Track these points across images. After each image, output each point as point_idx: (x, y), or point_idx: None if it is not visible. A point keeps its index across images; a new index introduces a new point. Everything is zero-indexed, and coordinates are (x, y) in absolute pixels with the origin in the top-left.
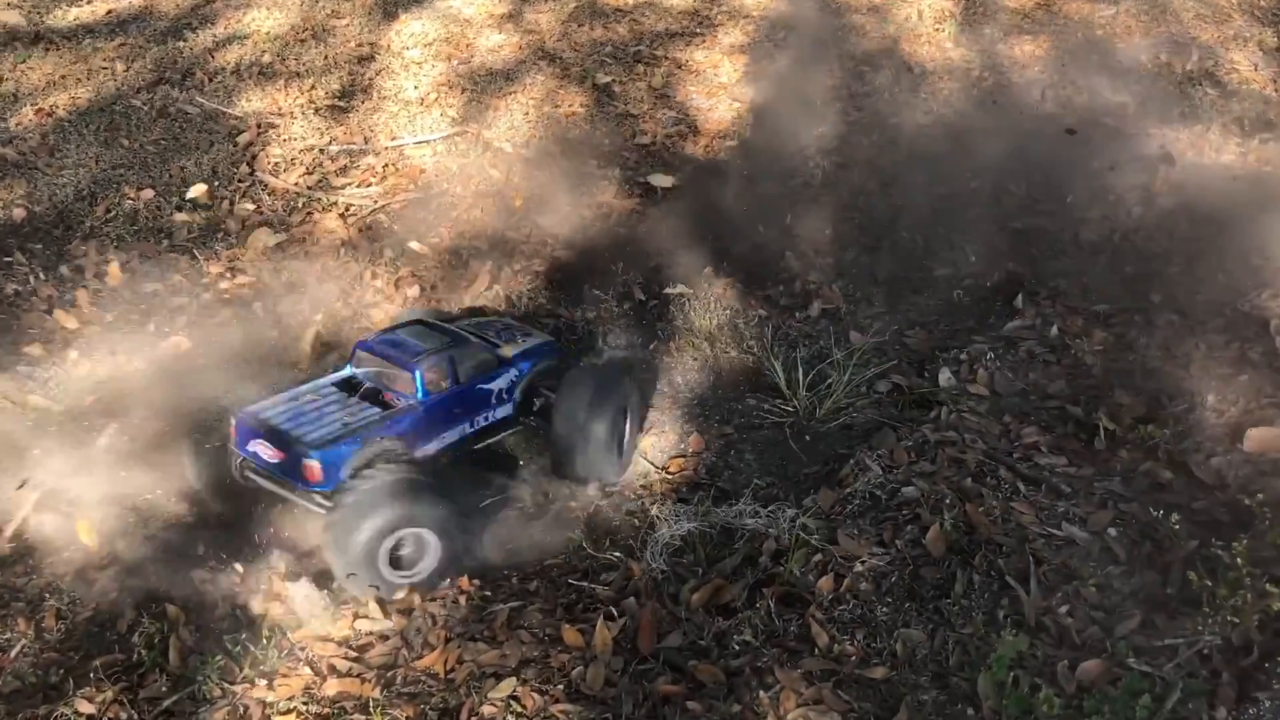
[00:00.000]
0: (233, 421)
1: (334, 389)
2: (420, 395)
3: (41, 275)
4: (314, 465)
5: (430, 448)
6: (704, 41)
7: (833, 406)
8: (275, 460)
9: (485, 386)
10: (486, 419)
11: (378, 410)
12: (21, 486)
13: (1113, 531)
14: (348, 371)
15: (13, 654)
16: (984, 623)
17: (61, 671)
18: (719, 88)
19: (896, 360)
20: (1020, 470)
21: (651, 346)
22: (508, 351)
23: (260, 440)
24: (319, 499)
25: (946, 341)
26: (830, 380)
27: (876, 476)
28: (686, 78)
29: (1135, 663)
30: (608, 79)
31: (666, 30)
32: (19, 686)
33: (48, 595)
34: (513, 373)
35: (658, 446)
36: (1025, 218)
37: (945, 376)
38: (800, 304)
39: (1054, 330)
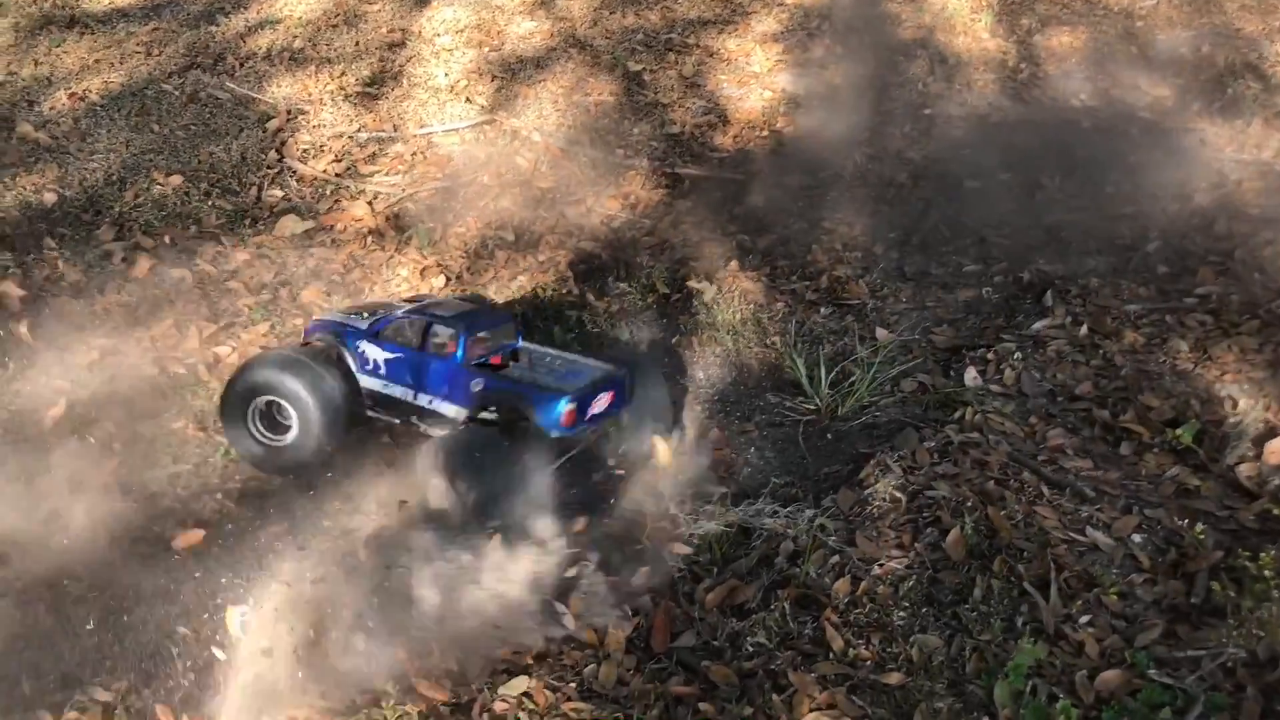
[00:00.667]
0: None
1: None
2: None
3: (72, 259)
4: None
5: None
6: (736, 29)
7: (855, 405)
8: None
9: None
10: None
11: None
12: None
13: (1137, 538)
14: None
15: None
16: (1002, 630)
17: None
18: (750, 77)
19: (922, 358)
20: (1045, 473)
21: (674, 340)
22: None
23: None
24: None
25: (974, 339)
26: (853, 378)
27: (897, 478)
28: (718, 66)
29: (1156, 674)
30: (638, 67)
31: (699, 17)
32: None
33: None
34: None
35: (678, 442)
36: (1058, 213)
37: (971, 376)
38: (826, 299)
39: (1084, 330)
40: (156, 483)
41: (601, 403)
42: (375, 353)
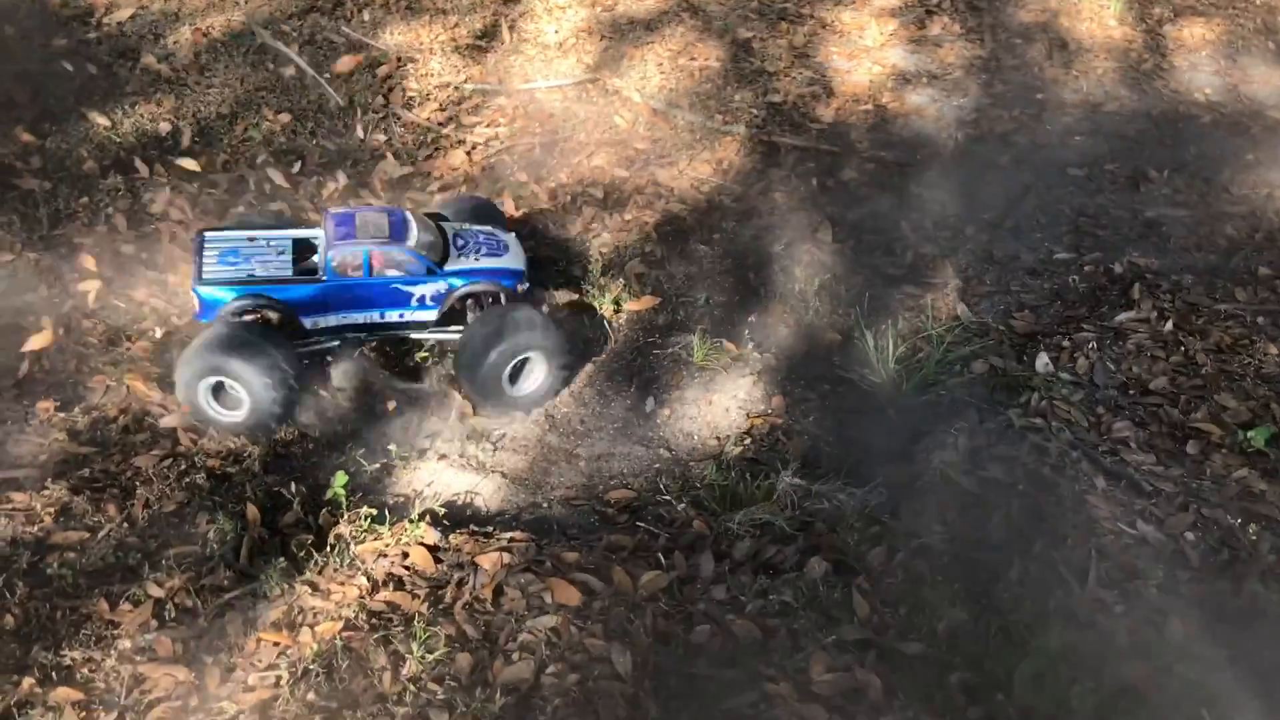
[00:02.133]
0: None
1: (289, 242)
2: (327, 275)
3: (179, 186)
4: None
5: (327, 320)
6: (853, 2)
7: (921, 381)
8: None
9: (403, 288)
10: (400, 316)
11: (289, 271)
12: None
13: (1190, 536)
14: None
15: (100, 536)
16: (1032, 612)
17: (140, 556)
18: (861, 50)
19: (997, 341)
20: (1103, 464)
21: (747, 304)
22: (452, 263)
23: None
24: None
25: (1053, 327)
26: (921, 354)
27: (951, 456)
28: (829, 38)
29: (1185, 670)
30: (748, 34)
31: None
32: (101, 565)
33: (139, 485)
34: (440, 284)
35: (739, 402)
36: (1161, 207)
37: (1043, 362)
38: (908, 276)
39: (1169, 325)
40: None
41: None
42: None
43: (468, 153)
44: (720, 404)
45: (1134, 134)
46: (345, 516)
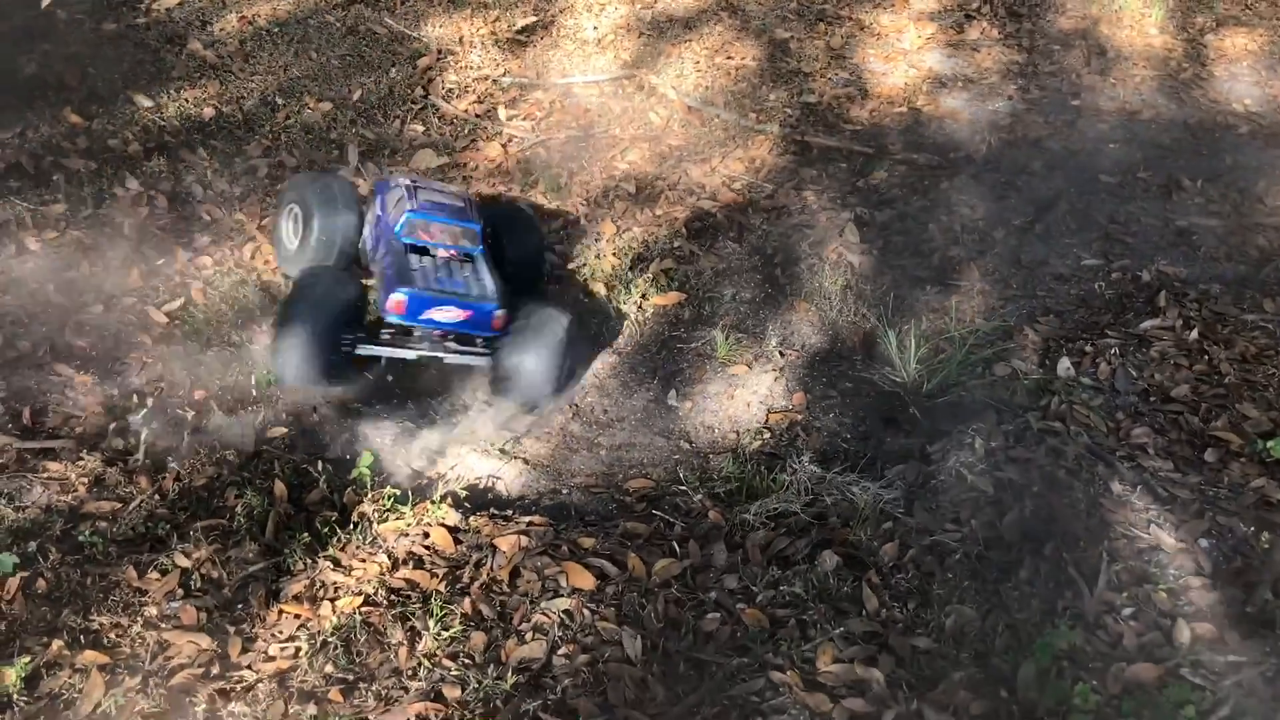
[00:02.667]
0: (399, 298)
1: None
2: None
3: (220, 170)
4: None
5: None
6: (892, 5)
7: (942, 382)
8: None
9: None
10: None
11: None
12: None
13: (1204, 543)
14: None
15: (131, 506)
16: (1041, 611)
17: (169, 527)
18: (898, 53)
19: (1020, 345)
20: (1120, 469)
21: (773, 300)
22: None
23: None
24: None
25: (1077, 332)
26: (944, 355)
27: (968, 455)
28: (867, 40)
29: (1190, 673)
30: (786, 34)
31: None
32: (131, 535)
33: (171, 459)
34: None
35: (761, 398)
36: (1193, 216)
37: (1064, 366)
38: (934, 277)
39: (1194, 334)
40: None
41: (447, 314)
42: None
43: (504, 145)
44: (741, 399)
45: (1169, 142)
46: (369, 496)
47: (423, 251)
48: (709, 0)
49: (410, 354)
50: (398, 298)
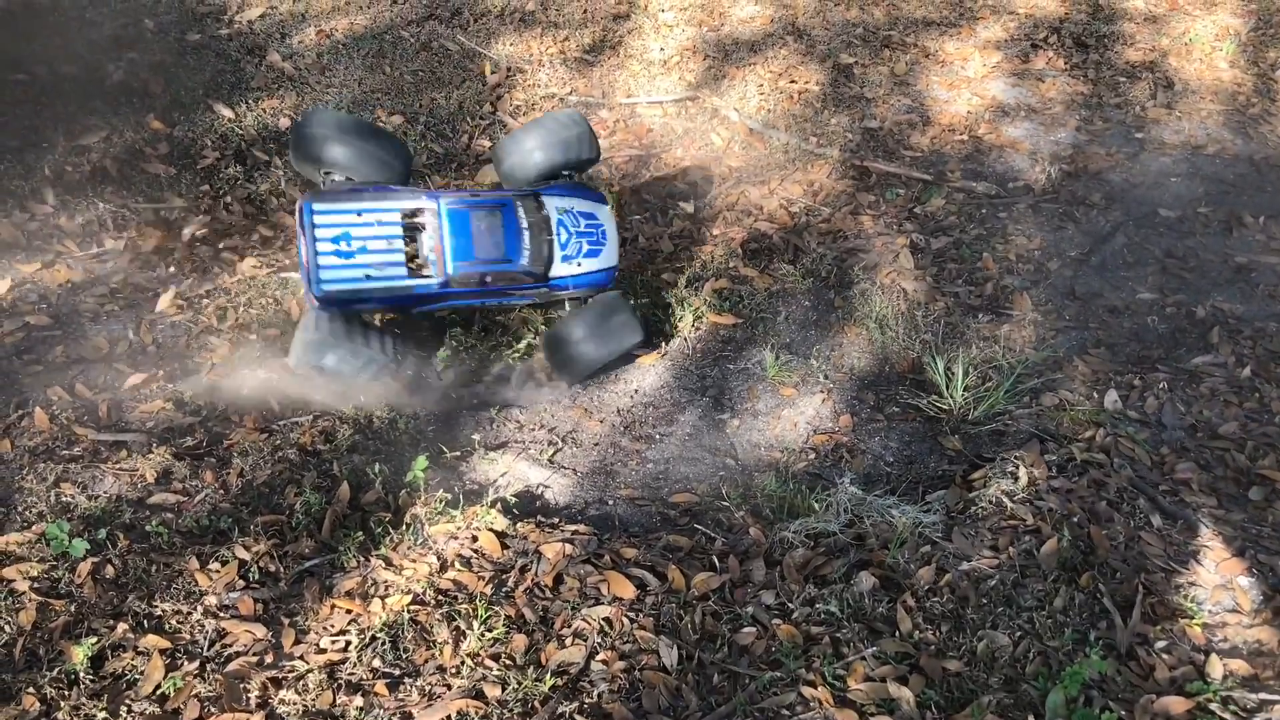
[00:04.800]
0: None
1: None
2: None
3: (293, 179)
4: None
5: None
6: (959, 33)
7: (988, 410)
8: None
9: (511, 293)
10: (500, 303)
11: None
12: None
13: (1243, 581)
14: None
15: (196, 499)
16: (1073, 640)
17: (231, 521)
18: (962, 81)
19: (1069, 376)
20: (1161, 503)
21: (825, 323)
22: (555, 270)
23: None
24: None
25: (1127, 366)
26: (990, 384)
27: (1009, 484)
28: (931, 67)
29: (1220, 709)
30: (850, 60)
31: (924, 18)
32: (194, 527)
33: (236, 456)
34: (543, 289)
35: (807, 418)
36: (1253, 253)
37: (1112, 399)
38: (986, 306)
39: (1246, 371)
40: None
41: None
42: None
43: None
44: (788, 419)
45: (1233, 178)
46: (422, 499)
47: None
48: (775, 24)
49: None
50: None
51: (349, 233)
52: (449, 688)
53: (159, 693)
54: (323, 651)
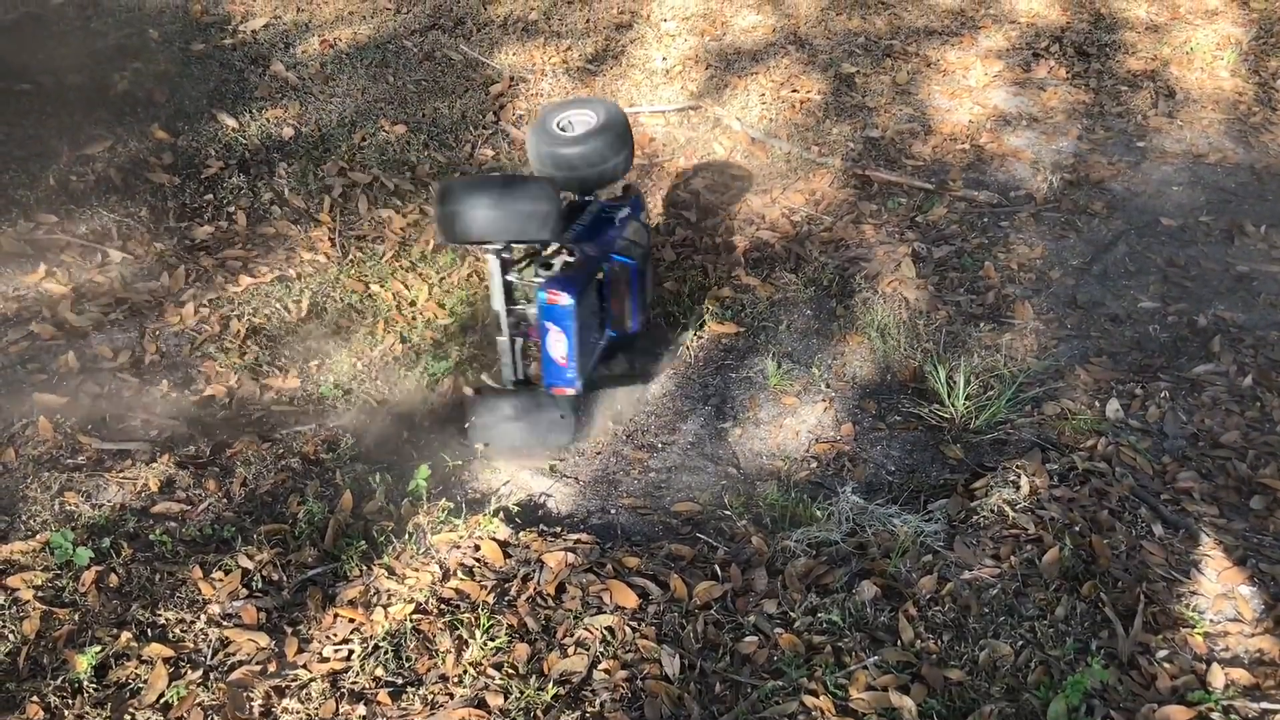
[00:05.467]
0: None
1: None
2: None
3: (296, 188)
4: None
5: None
6: (960, 42)
7: (990, 419)
8: None
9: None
10: None
11: None
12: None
13: (1245, 590)
14: None
15: (199, 508)
16: (1075, 649)
17: (234, 530)
18: (964, 90)
19: (1070, 385)
20: (1163, 512)
21: (826, 331)
22: None
23: None
24: None
25: (1129, 375)
26: (992, 392)
27: (1011, 493)
28: (933, 77)
29: (1220, 718)
30: (852, 70)
31: (926, 27)
32: (198, 536)
33: (240, 465)
34: None
35: (809, 427)
36: (1254, 262)
37: (1113, 408)
38: (988, 315)
39: (1247, 380)
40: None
41: None
42: None
43: None
44: (790, 427)
45: (1234, 187)
46: (424, 508)
47: None
48: (777, 34)
49: None
50: None
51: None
52: (451, 696)
53: (162, 701)
54: (325, 660)
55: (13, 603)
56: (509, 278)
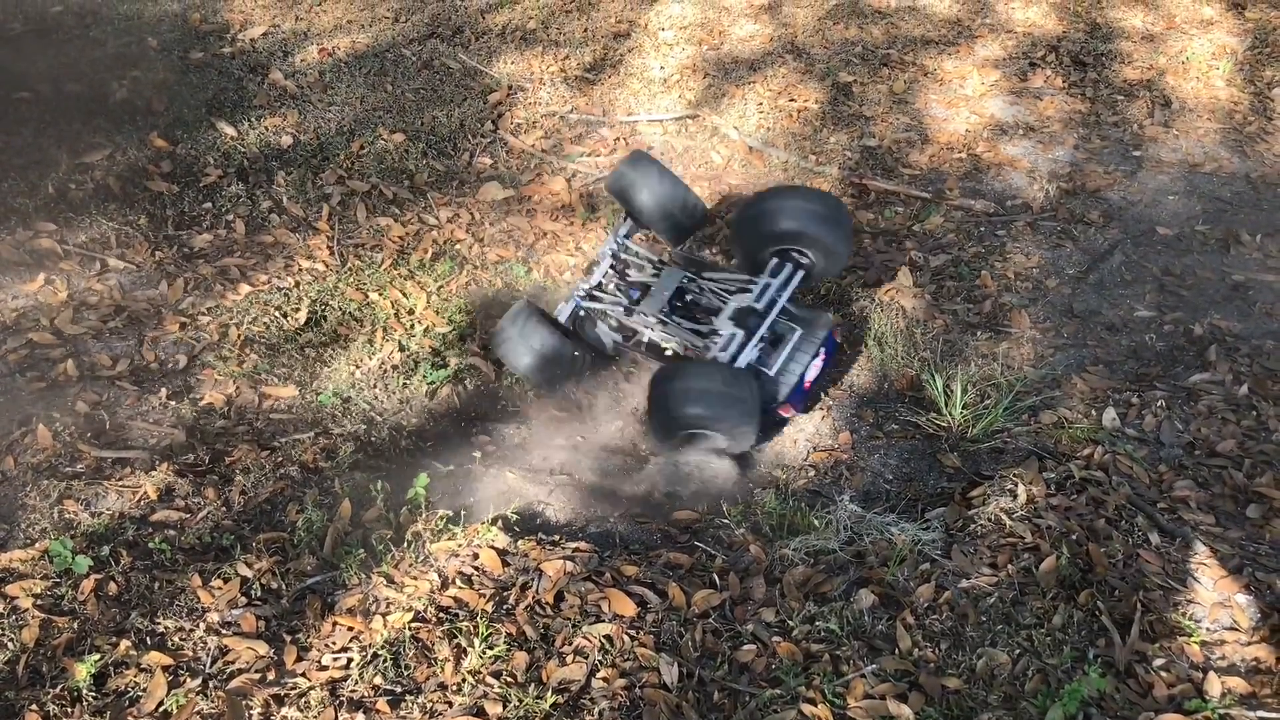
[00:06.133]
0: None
1: None
2: None
3: (295, 196)
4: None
5: None
6: (957, 51)
7: (987, 428)
8: None
9: None
10: None
11: None
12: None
13: (1241, 598)
14: None
15: (198, 516)
16: (1072, 658)
17: (233, 538)
18: (960, 99)
19: (1067, 394)
20: (1159, 520)
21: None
22: None
23: None
24: None
25: (1125, 383)
26: (989, 401)
27: (1008, 502)
28: (930, 86)
29: None
30: (849, 79)
31: (923, 36)
32: (196, 544)
33: (238, 473)
34: None
35: (807, 436)
36: (1250, 271)
37: (1110, 416)
38: (985, 323)
39: (1244, 389)
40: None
41: None
42: None
43: (568, 180)
44: (788, 436)
45: (1230, 196)
46: (423, 516)
47: None
48: (774, 43)
49: None
50: None
51: None
52: (450, 705)
53: (161, 710)
54: (324, 669)
55: (12, 611)
56: None
